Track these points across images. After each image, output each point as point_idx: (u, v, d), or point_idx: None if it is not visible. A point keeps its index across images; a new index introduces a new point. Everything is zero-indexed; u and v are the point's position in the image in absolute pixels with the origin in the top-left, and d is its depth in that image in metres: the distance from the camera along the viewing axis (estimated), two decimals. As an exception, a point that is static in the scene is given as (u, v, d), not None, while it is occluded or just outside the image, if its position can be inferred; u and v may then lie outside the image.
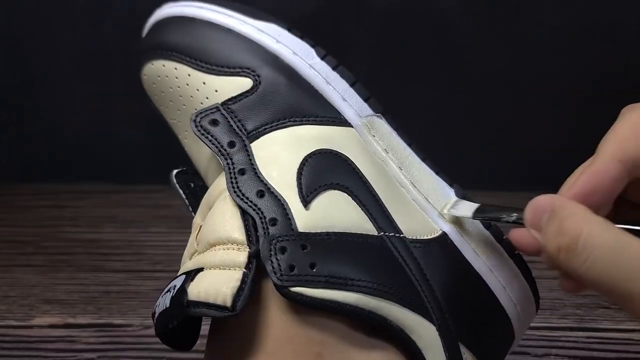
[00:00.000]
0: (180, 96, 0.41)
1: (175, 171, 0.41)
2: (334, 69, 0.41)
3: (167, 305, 0.34)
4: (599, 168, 0.33)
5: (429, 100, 0.78)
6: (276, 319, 0.34)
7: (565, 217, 0.31)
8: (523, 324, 0.39)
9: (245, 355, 0.34)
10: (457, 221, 0.38)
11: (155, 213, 0.73)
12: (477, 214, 0.36)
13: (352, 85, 0.41)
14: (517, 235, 0.36)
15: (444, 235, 0.37)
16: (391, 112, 0.78)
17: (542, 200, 0.32)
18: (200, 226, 0.38)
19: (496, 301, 0.37)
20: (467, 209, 0.37)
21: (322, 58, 0.41)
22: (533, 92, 0.77)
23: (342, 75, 0.41)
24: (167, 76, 0.41)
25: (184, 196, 0.42)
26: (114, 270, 0.63)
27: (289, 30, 0.41)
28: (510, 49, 0.76)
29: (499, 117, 0.78)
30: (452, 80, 0.77)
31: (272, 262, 0.34)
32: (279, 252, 0.34)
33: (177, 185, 0.41)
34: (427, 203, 0.38)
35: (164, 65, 0.41)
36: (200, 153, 0.42)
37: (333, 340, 0.34)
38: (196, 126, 0.38)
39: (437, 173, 0.39)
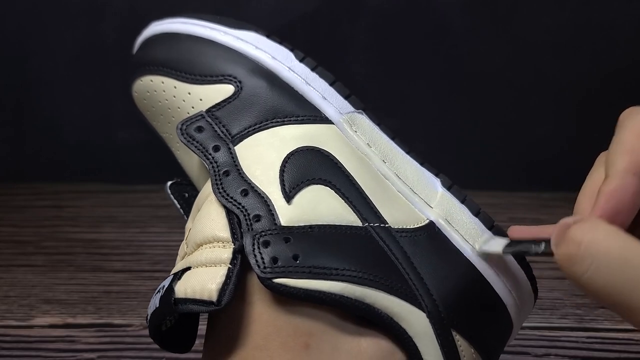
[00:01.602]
0: (169, 108, 0.42)
1: (169, 182, 0.43)
2: (312, 69, 0.41)
3: (157, 305, 0.35)
4: (617, 186, 0.31)
5: (428, 99, 0.78)
6: (263, 312, 0.34)
7: (572, 225, 0.29)
8: (521, 311, 0.38)
9: (234, 350, 0.34)
10: (444, 211, 0.38)
11: (154, 213, 0.73)
12: (507, 249, 0.36)
13: (331, 84, 0.41)
14: (516, 233, 0.36)
15: (430, 224, 0.37)
16: (390, 112, 0.78)
17: (565, 220, 0.31)
18: (190, 229, 0.39)
19: (489, 288, 0.37)
20: (497, 245, 0.37)
21: (301, 60, 0.42)
22: (533, 92, 0.77)
23: (321, 75, 0.41)
24: (155, 91, 0.43)
25: (178, 206, 0.43)
26: (114, 270, 0.63)
27: (268, 36, 0.43)
28: (510, 49, 0.76)
29: (498, 117, 0.78)
30: (451, 80, 0.77)
31: (255, 255, 0.34)
32: (262, 246, 0.35)
33: (171, 196, 0.42)
34: (413, 194, 0.38)
35: (151, 81, 0.43)
36: (191, 163, 0.43)
37: (321, 330, 0.34)
38: (182, 134, 0.39)
39: (422, 164, 0.40)
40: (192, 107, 0.41)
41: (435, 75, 0.77)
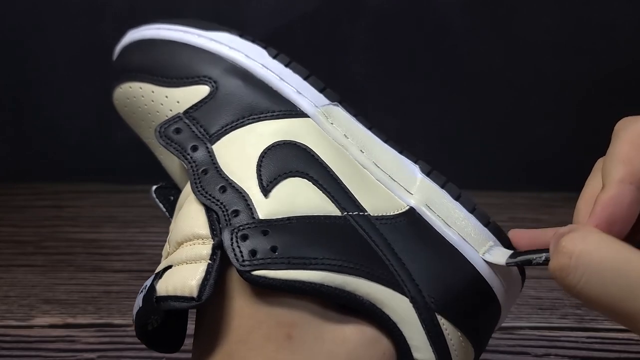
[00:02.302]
0: (149, 113, 0.43)
1: (154, 187, 0.43)
2: (286, 65, 0.42)
3: (140, 305, 0.35)
4: (613, 196, 0.32)
5: (428, 99, 0.78)
6: (244, 306, 0.35)
7: (564, 235, 0.30)
8: (508, 293, 0.38)
9: (219, 346, 0.34)
10: (425, 196, 0.38)
11: (154, 213, 0.73)
12: (509, 260, 0.36)
13: (305, 78, 0.42)
14: (517, 237, 0.36)
15: (411, 210, 0.38)
16: (390, 112, 0.78)
17: (562, 229, 0.32)
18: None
19: (473, 270, 0.37)
20: (500, 255, 0.37)
21: (274, 57, 0.42)
22: (533, 92, 0.77)
23: (295, 71, 0.42)
24: (134, 97, 0.44)
25: (164, 209, 0.43)
26: (114, 270, 0.63)
27: (241, 36, 0.43)
28: (510, 49, 0.76)
29: (498, 117, 0.78)
30: (451, 80, 0.77)
31: (234, 250, 0.35)
32: (240, 239, 0.35)
33: (156, 200, 0.43)
34: (392, 181, 0.39)
35: (130, 87, 0.44)
36: (173, 166, 0.43)
37: (303, 320, 0.34)
38: (160, 136, 0.40)
39: (400, 152, 0.40)
40: (170, 110, 0.42)
41: (435, 75, 0.77)
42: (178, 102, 0.42)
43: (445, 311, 0.35)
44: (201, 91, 0.41)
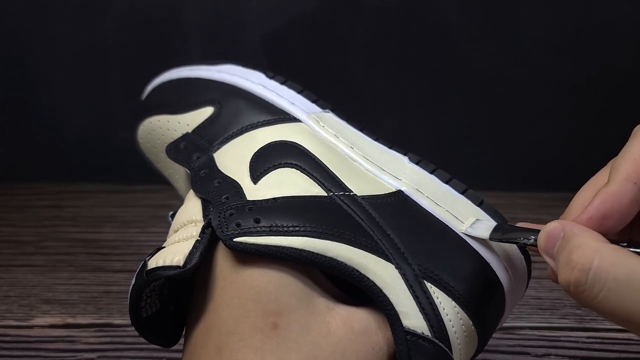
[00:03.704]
0: (166, 143, 0.46)
1: (170, 212, 0.45)
2: (282, 83, 0.46)
3: (133, 282, 0.36)
4: (614, 191, 0.32)
5: (428, 99, 0.78)
6: (233, 296, 0.35)
7: (573, 247, 0.30)
8: (510, 272, 0.38)
9: (210, 338, 0.35)
10: (414, 181, 0.39)
11: (154, 213, 0.73)
12: (493, 235, 0.36)
13: (299, 92, 0.45)
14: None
15: (399, 191, 0.39)
16: (390, 112, 0.78)
17: (553, 227, 0.32)
18: None
19: (466, 245, 0.37)
20: (483, 229, 0.37)
21: (271, 78, 0.46)
22: (532, 92, 0.77)
23: (290, 87, 0.45)
24: (153, 130, 0.47)
25: None
26: (114, 270, 0.63)
27: (243, 65, 0.47)
28: (509, 49, 0.76)
29: (498, 117, 0.78)
30: (451, 80, 0.77)
31: (220, 225, 0.36)
32: (227, 216, 0.37)
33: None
34: (381, 171, 0.40)
35: (150, 122, 0.48)
36: (189, 191, 0.45)
37: (290, 309, 0.34)
38: (170, 152, 0.44)
39: (390, 148, 0.41)
40: (182, 133, 0.45)
41: (434, 75, 0.77)
42: (188, 124, 0.45)
43: (433, 278, 0.36)
44: (207, 112, 0.45)
